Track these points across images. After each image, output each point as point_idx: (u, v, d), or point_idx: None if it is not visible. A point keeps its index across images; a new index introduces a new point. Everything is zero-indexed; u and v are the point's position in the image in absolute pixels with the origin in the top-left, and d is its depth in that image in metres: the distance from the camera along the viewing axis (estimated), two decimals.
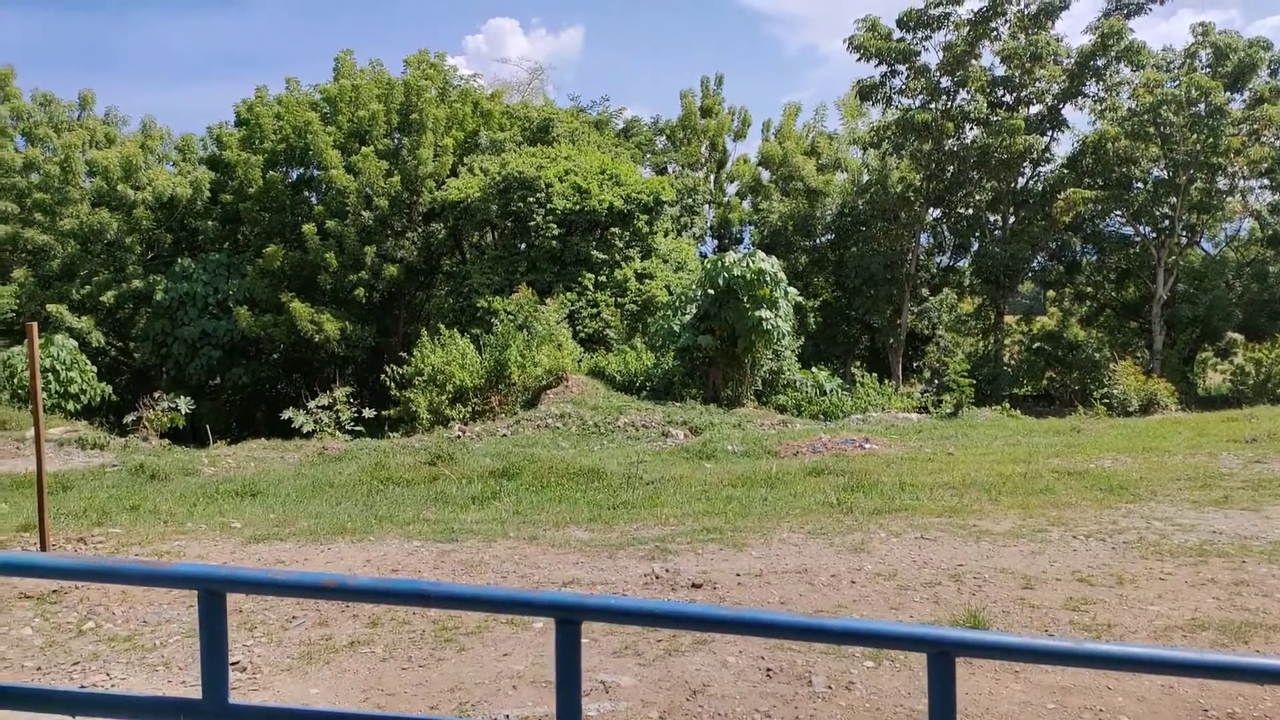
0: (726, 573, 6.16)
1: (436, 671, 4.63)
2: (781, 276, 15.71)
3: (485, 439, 13.60)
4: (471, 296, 20.41)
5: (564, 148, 23.28)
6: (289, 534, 7.35)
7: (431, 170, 22.67)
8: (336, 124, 23.11)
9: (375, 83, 24.08)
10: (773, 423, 14.16)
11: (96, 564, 1.77)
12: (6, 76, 25.41)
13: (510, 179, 20.87)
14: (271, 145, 22.98)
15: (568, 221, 20.61)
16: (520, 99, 29.73)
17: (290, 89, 24.89)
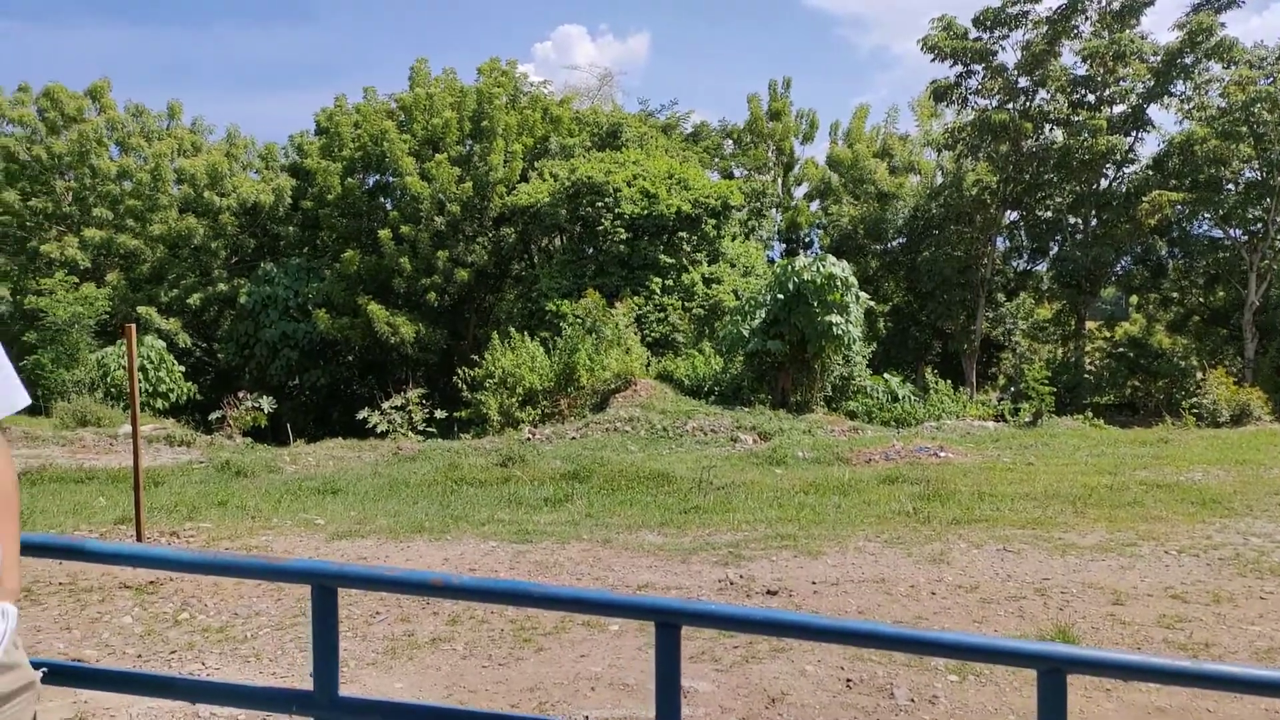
0: (802, 580, 6.10)
1: (516, 670, 4.69)
2: (852, 281, 15.50)
3: (555, 441, 13.72)
4: (540, 300, 20.65)
5: (632, 152, 23.39)
6: (369, 531, 7.53)
7: (502, 176, 23.02)
8: (411, 131, 23.64)
9: (448, 91, 24.56)
10: (843, 429, 13.96)
11: (219, 558, 1.84)
12: (102, 89, 26.62)
13: (579, 184, 21.06)
14: (350, 153, 23.63)
15: (636, 226, 20.70)
16: (589, 105, 29.97)
17: (367, 98, 25.57)
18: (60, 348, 20.27)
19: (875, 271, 27.30)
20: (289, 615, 5.46)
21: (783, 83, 33.24)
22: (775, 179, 31.94)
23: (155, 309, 22.71)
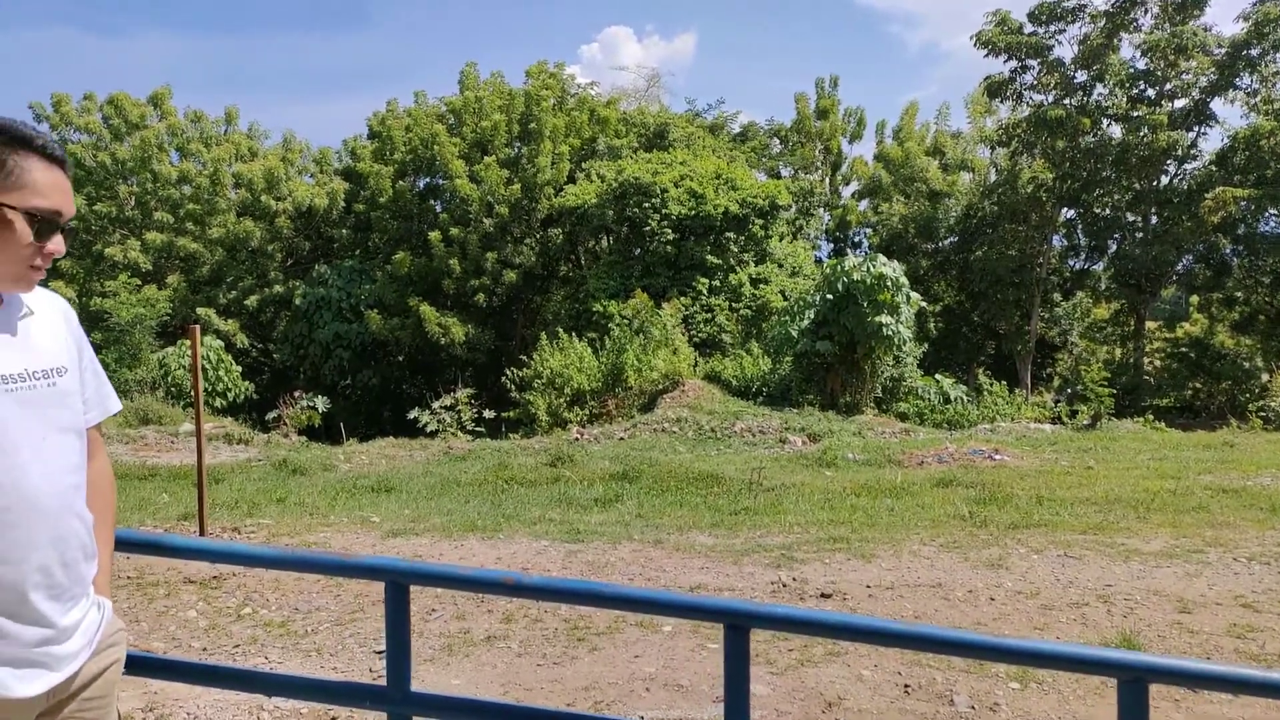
0: (856, 584, 6.04)
1: (570, 670, 4.72)
2: (903, 281, 15.29)
3: (603, 442, 13.77)
4: (587, 301, 20.74)
5: (679, 153, 23.38)
6: (423, 529, 7.63)
7: (549, 178, 23.18)
8: (461, 134, 23.93)
9: (497, 94, 24.81)
10: (894, 431, 13.78)
11: (297, 554, 1.88)
12: (163, 96, 27.37)
13: (626, 185, 21.11)
14: (401, 156, 24.00)
15: (683, 226, 20.68)
16: (636, 105, 30.03)
17: (418, 102, 25.94)
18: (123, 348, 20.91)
19: (926, 271, 26.90)
20: (347, 611, 5.56)
21: (830, 81, 32.94)
22: (823, 178, 31.67)
23: (214, 310, 23.30)
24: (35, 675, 1.51)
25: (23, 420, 1.53)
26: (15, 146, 1.52)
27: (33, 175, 1.52)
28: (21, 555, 1.49)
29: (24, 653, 1.49)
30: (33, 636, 1.51)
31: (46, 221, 1.54)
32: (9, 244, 1.51)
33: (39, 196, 1.53)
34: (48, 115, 26.20)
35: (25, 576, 1.50)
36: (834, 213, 31.26)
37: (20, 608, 1.49)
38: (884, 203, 28.65)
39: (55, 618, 1.55)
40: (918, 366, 17.14)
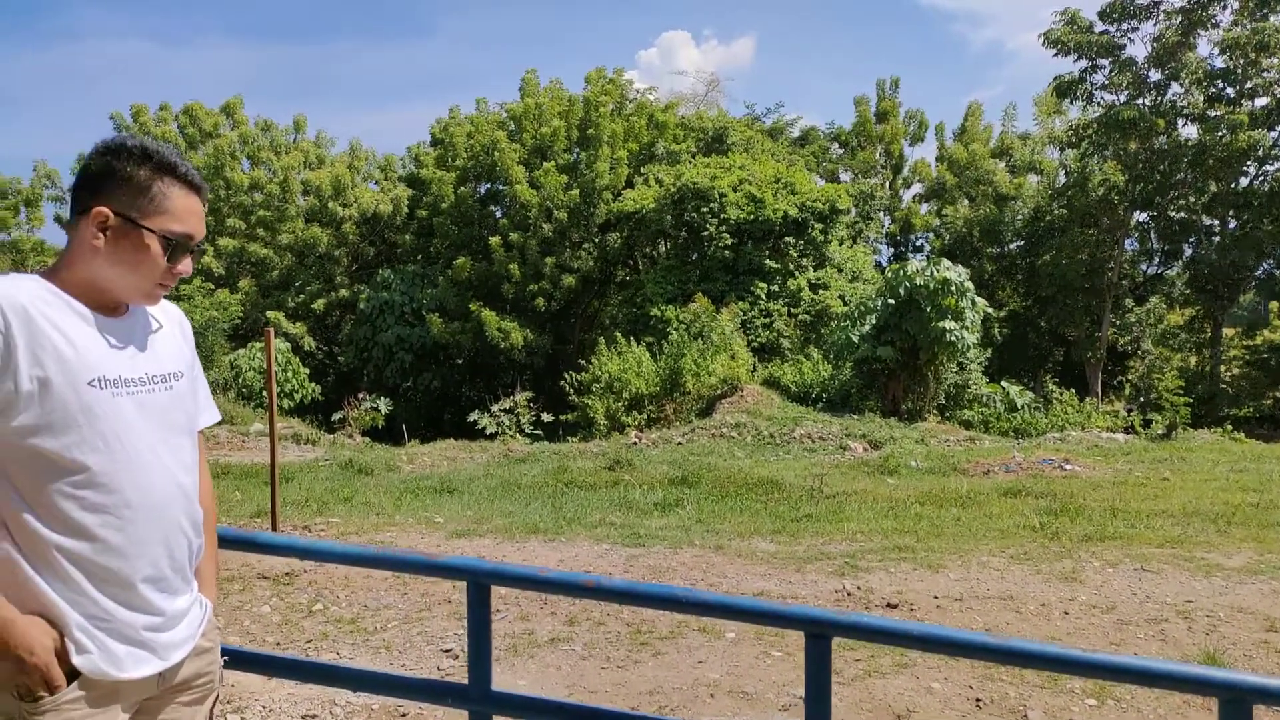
0: (923, 594, 5.92)
1: (634, 673, 4.72)
2: (968, 285, 14.99)
3: (661, 446, 13.77)
4: (645, 305, 20.77)
5: (738, 157, 23.29)
6: (486, 530, 7.72)
7: (608, 183, 23.29)
8: (521, 141, 24.20)
9: (556, 100, 25.03)
10: (958, 439, 13.51)
11: (383, 553, 1.92)
12: (235, 105, 28.27)
13: (684, 189, 21.11)
14: (463, 162, 24.38)
15: (741, 231, 20.60)
16: (695, 110, 30.01)
17: (480, 109, 26.33)
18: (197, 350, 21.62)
19: (991, 275, 26.32)
20: (415, 610, 5.65)
21: (890, 83, 32.52)
22: (883, 182, 31.25)
23: (283, 314, 23.95)
24: (144, 659, 1.60)
25: (142, 422, 1.61)
26: (160, 173, 1.61)
27: (172, 201, 1.61)
28: (137, 551, 1.58)
29: (134, 635, 1.59)
30: (141, 622, 1.60)
31: (179, 245, 1.63)
32: (143, 263, 1.60)
33: (176, 221, 1.61)
34: (127, 125, 27.27)
35: (137, 570, 1.59)
36: (895, 216, 30.81)
37: (131, 597, 1.58)
38: (948, 206, 28.12)
39: (163, 605, 1.63)
40: (983, 373, 16.77)
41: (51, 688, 1.49)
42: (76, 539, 1.52)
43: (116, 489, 1.55)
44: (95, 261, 1.58)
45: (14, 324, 1.48)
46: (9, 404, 1.48)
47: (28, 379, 1.48)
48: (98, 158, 1.61)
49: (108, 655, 1.55)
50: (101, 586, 1.55)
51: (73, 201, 1.63)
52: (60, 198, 29.91)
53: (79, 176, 1.63)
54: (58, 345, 1.52)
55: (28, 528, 1.50)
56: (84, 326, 1.56)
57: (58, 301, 1.55)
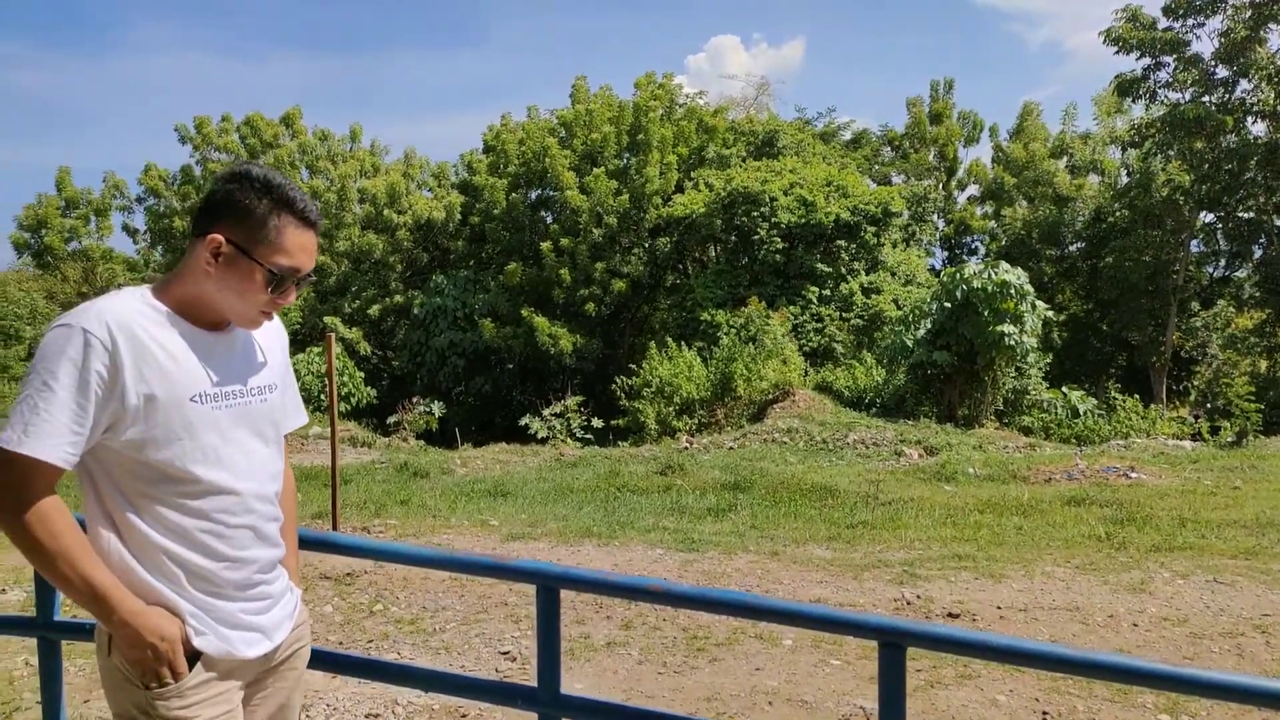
0: (985, 604, 5.80)
1: (691, 679, 4.70)
2: (1028, 289, 14.65)
3: (712, 451, 13.71)
4: (694, 310, 20.73)
5: (789, 161, 23.13)
6: (540, 534, 7.77)
7: (658, 187, 23.30)
8: (572, 147, 24.35)
9: (606, 106, 25.14)
10: (1018, 445, 13.20)
11: (454, 555, 1.94)
12: (294, 116, 28.95)
13: (735, 193, 21.03)
14: (514, 169, 24.61)
15: (792, 235, 20.44)
16: (745, 114, 29.90)
17: (531, 115, 26.57)
18: None
19: (1050, 278, 25.71)
20: (472, 612, 5.70)
21: (944, 84, 32.03)
22: (937, 184, 30.77)
23: (339, 319, 24.43)
24: (255, 640, 1.73)
25: (238, 433, 1.70)
26: (278, 207, 1.66)
27: (285, 236, 1.67)
28: (236, 552, 1.70)
29: (245, 619, 1.71)
30: (247, 608, 1.72)
31: (283, 278, 1.68)
32: (249, 291, 1.66)
33: (285, 256, 1.67)
34: (190, 136, 28.11)
35: (237, 568, 1.71)
36: (953, 218, 30.30)
37: (233, 591, 1.70)
38: (1006, 207, 27.56)
39: (262, 592, 1.76)
40: (1043, 379, 16.38)
41: (177, 674, 1.60)
42: (182, 543, 1.63)
43: (216, 497, 1.65)
44: (205, 283, 1.65)
45: (121, 343, 1.55)
46: (118, 420, 1.56)
47: (135, 396, 1.56)
48: (222, 184, 1.67)
49: (224, 638, 1.67)
50: (204, 586, 1.66)
51: (194, 222, 1.69)
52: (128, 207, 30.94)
53: (203, 199, 1.70)
54: (162, 362, 1.59)
55: (137, 531, 1.60)
56: (186, 343, 1.64)
57: (161, 318, 1.63)
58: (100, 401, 1.53)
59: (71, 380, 1.51)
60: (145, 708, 1.60)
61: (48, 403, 1.50)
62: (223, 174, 1.69)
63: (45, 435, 1.50)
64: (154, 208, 28.45)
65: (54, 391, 1.51)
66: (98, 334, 1.54)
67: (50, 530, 1.52)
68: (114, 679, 1.64)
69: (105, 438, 1.57)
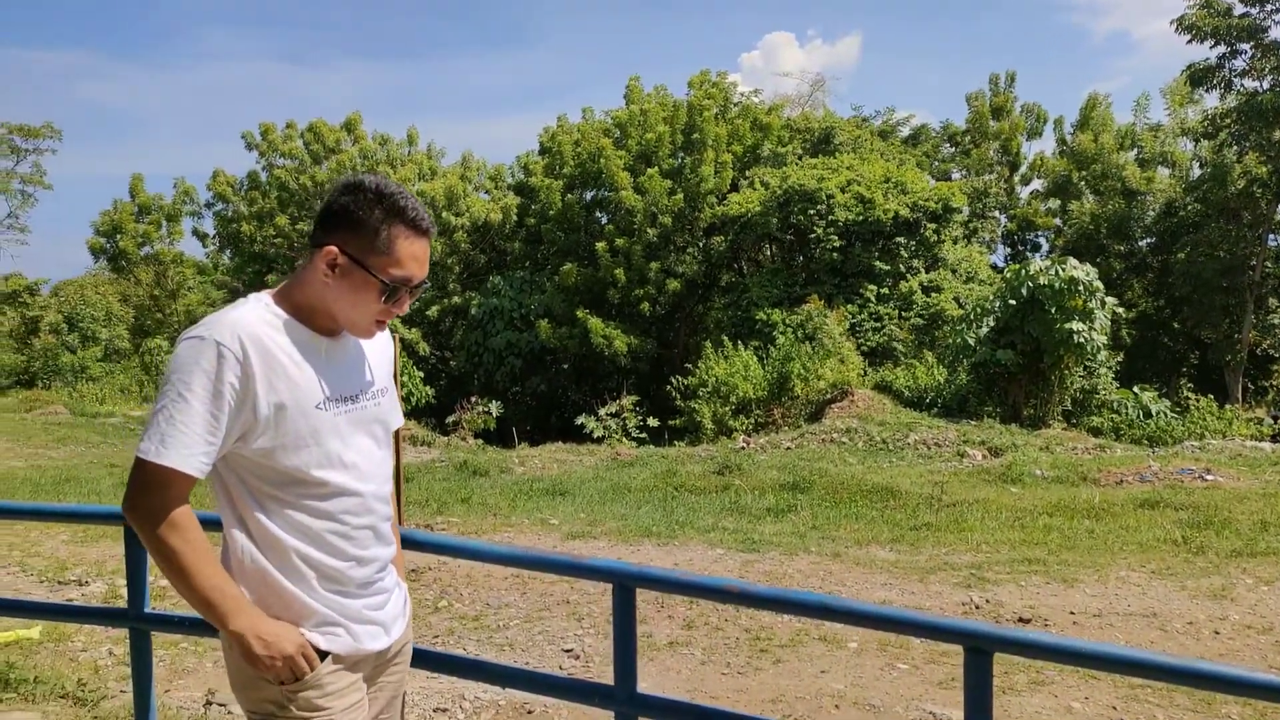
0: (1057, 609, 5.65)
1: (755, 680, 4.67)
2: (1097, 285, 14.22)
3: (770, 451, 13.61)
4: (750, 309, 20.59)
5: (846, 158, 22.83)
6: (600, 533, 7.80)
7: (712, 186, 23.22)
8: (626, 147, 24.40)
9: (661, 105, 25.13)
10: (1086, 446, 12.83)
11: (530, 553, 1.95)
12: (355, 121, 29.53)
13: (790, 191, 20.83)
14: (570, 170, 24.75)
15: (849, 232, 20.17)
16: (800, 111, 29.62)
17: (586, 117, 26.70)
18: None
19: (1119, 274, 24.91)
20: (535, 609, 5.75)
21: (1005, 77, 31.32)
22: (999, 179, 30.08)
23: (399, 320, 24.87)
24: (378, 634, 1.79)
25: (357, 437, 1.74)
26: (390, 217, 1.67)
27: (398, 246, 1.68)
28: (360, 551, 1.75)
29: (369, 615, 1.77)
30: (369, 604, 1.78)
31: (396, 288, 1.70)
32: (363, 301, 1.69)
33: (397, 266, 1.68)
34: (256, 143, 28.89)
35: (362, 566, 1.76)
36: (1019, 213, 29.58)
37: (358, 588, 1.76)
38: (1072, 201, 26.80)
39: (381, 587, 1.82)
40: (1113, 378, 15.89)
41: (299, 674, 1.65)
42: (312, 544, 1.68)
43: (342, 499, 1.70)
44: (324, 294, 1.69)
45: (252, 354, 1.59)
46: (249, 429, 1.61)
47: (266, 405, 1.61)
48: (338, 196, 1.70)
49: (353, 634, 1.73)
50: (333, 585, 1.72)
51: (312, 232, 1.73)
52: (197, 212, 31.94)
53: (321, 211, 1.73)
54: (289, 371, 1.64)
55: (270, 533, 1.66)
56: (308, 350, 1.69)
57: (284, 326, 1.67)
58: (233, 412, 1.58)
59: (205, 391, 1.56)
60: (282, 701, 1.66)
61: (183, 414, 1.55)
62: (338, 185, 1.72)
63: (181, 446, 1.54)
64: (222, 213, 29.30)
65: (189, 403, 1.55)
66: (230, 346, 1.58)
67: (184, 539, 1.57)
68: (247, 675, 1.68)
69: (237, 445, 1.62)
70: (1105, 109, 29.22)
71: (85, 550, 7.33)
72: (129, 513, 1.60)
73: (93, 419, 19.03)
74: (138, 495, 1.58)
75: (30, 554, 7.15)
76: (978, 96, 30.88)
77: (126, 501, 1.60)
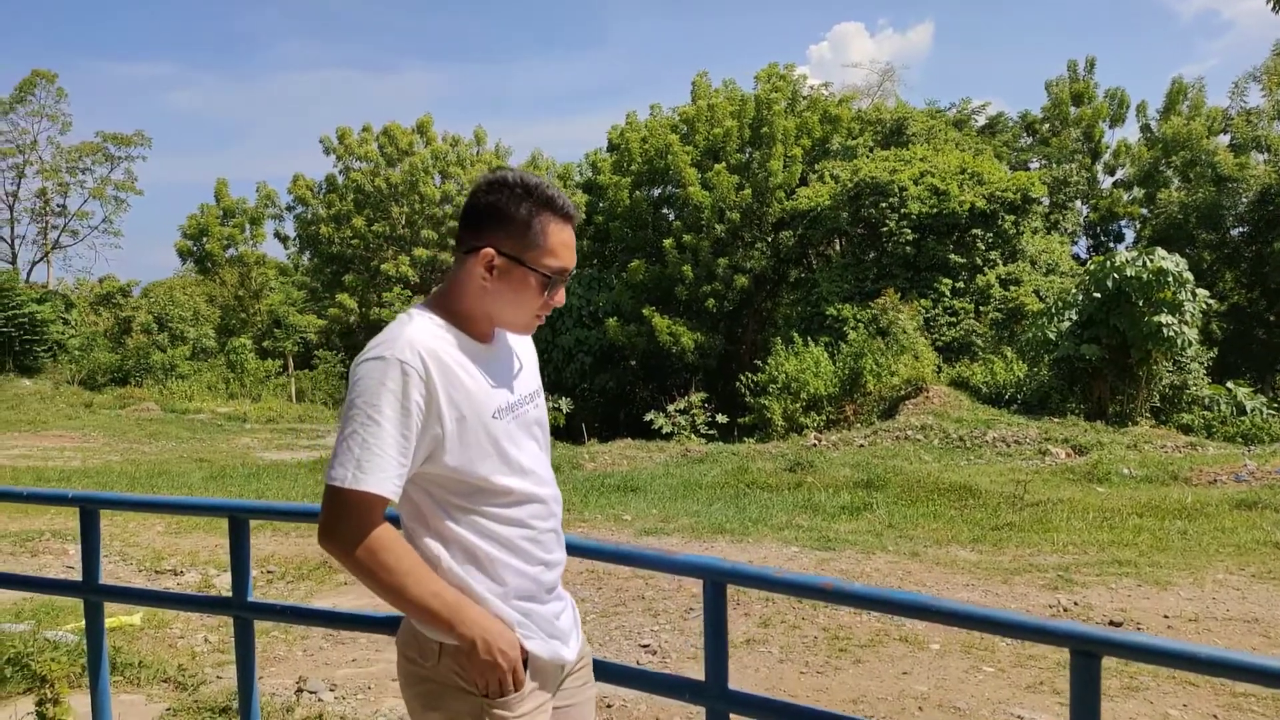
0: (1150, 613, 5.44)
1: (835, 680, 4.61)
2: (1187, 276, 13.65)
3: (842, 448, 13.43)
4: (820, 304, 20.33)
5: (919, 149, 22.34)
6: (673, 529, 7.80)
7: (781, 181, 22.99)
8: (693, 143, 24.33)
9: (728, 100, 24.98)
10: (1177, 444, 12.32)
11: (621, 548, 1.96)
12: (426, 124, 30.12)
13: (861, 184, 20.49)
14: (638, 167, 24.80)
15: (923, 225, 19.74)
16: (870, 103, 29.11)
17: (654, 113, 26.72)
18: None
19: (1210, 265, 23.84)
20: (610, 604, 5.78)
21: (1085, 63, 30.25)
22: (1080, 168, 29.07)
23: None
24: (571, 645, 1.76)
25: (528, 441, 1.72)
26: (539, 208, 1.64)
27: (551, 237, 1.65)
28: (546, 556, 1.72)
29: (556, 626, 1.73)
30: (558, 612, 1.75)
31: (555, 279, 1.67)
32: (524, 297, 1.66)
33: (553, 256, 1.65)
34: (334, 147, 29.72)
35: (548, 572, 1.72)
36: (1101, 203, 28.55)
37: (547, 596, 1.73)
38: (1160, 190, 25.73)
39: (562, 596, 1.79)
40: (1205, 373, 15.22)
41: (518, 684, 1.61)
42: (505, 551, 1.64)
43: (528, 505, 1.68)
44: (484, 298, 1.66)
45: (434, 370, 1.56)
46: (436, 444, 1.58)
47: (450, 420, 1.57)
48: (484, 196, 1.65)
49: (548, 644, 1.69)
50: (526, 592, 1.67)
51: (461, 237, 1.68)
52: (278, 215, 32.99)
53: (467, 213, 1.68)
54: (465, 384, 1.60)
55: (463, 543, 1.62)
56: (477, 360, 1.65)
57: (453, 338, 1.63)
58: (420, 430, 1.55)
59: (394, 412, 1.52)
60: (479, 715, 1.61)
61: (375, 437, 1.51)
62: (480, 185, 1.67)
63: (376, 470, 1.51)
64: (302, 215, 30.22)
65: (380, 425, 1.51)
66: (412, 363, 1.54)
67: (392, 558, 1.54)
68: (440, 686, 1.63)
69: (425, 463, 1.59)
70: (1198, 92, 27.97)
71: (179, 541, 7.65)
72: (327, 541, 1.55)
73: (181, 415, 19.85)
74: (336, 524, 1.53)
75: (129, 544, 7.49)
76: (1057, 83, 29.90)
77: (324, 530, 1.55)
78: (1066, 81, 30.04)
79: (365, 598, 5.98)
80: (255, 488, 10.40)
